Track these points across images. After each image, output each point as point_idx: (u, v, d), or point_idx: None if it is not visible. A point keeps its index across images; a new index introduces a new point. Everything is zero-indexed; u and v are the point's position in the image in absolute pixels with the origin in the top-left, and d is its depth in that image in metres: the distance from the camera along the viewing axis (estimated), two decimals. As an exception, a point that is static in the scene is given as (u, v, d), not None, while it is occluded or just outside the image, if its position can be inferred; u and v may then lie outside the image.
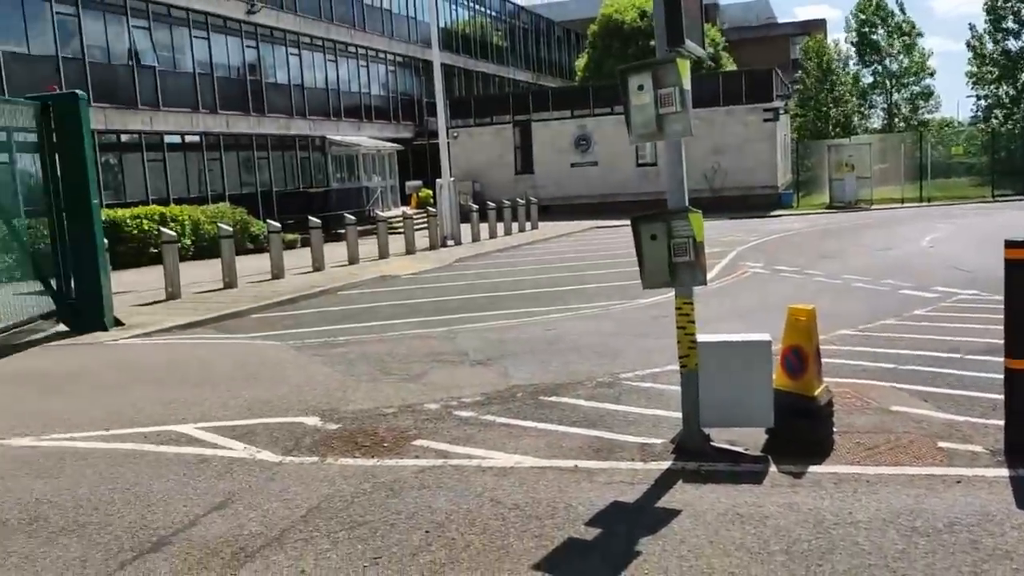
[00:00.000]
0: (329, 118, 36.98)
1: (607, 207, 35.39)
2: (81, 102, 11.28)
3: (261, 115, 32.75)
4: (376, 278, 17.14)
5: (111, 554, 4.30)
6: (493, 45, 52.40)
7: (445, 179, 25.14)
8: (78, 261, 11.44)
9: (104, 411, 7.14)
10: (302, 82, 35.34)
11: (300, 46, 35.17)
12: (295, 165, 35.05)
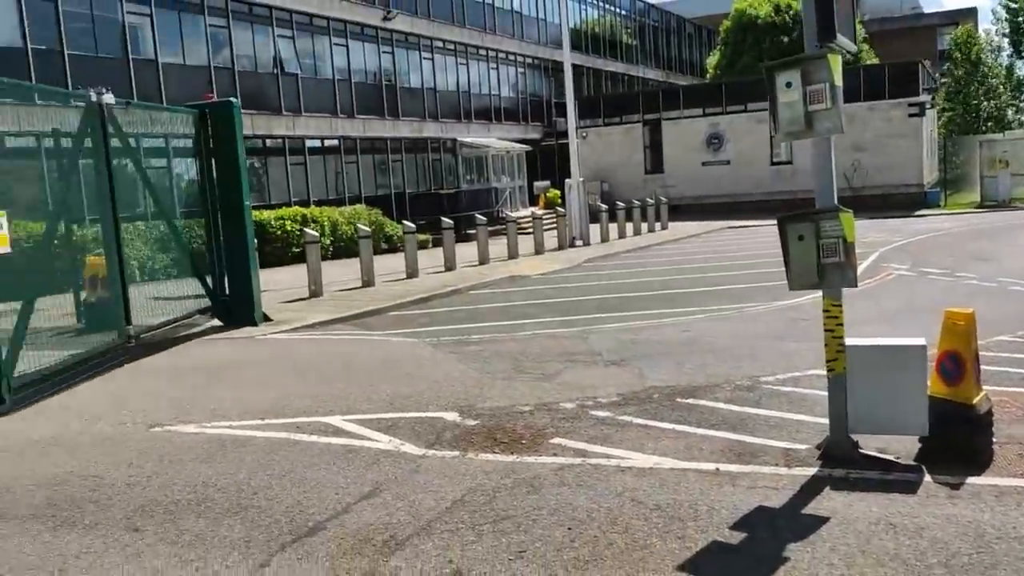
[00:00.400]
0: (460, 120, 37.70)
1: (739, 207, 34.61)
2: (235, 109, 11.95)
3: (395, 118, 33.71)
4: (506, 278, 17.36)
5: (272, 536, 4.56)
6: (623, 44, 52.10)
7: (574, 179, 25.19)
8: (231, 260, 12.11)
9: (258, 401, 7.55)
10: (434, 85, 36.17)
11: (433, 50, 36.01)
12: (427, 167, 35.89)
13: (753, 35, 44.34)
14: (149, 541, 4.58)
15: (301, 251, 21.18)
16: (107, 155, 9.88)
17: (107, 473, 5.75)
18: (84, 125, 9.66)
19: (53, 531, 4.79)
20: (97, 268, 11.12)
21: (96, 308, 10.96)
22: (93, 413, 7.48)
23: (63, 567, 4.31)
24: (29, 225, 11.17)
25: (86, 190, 10.82)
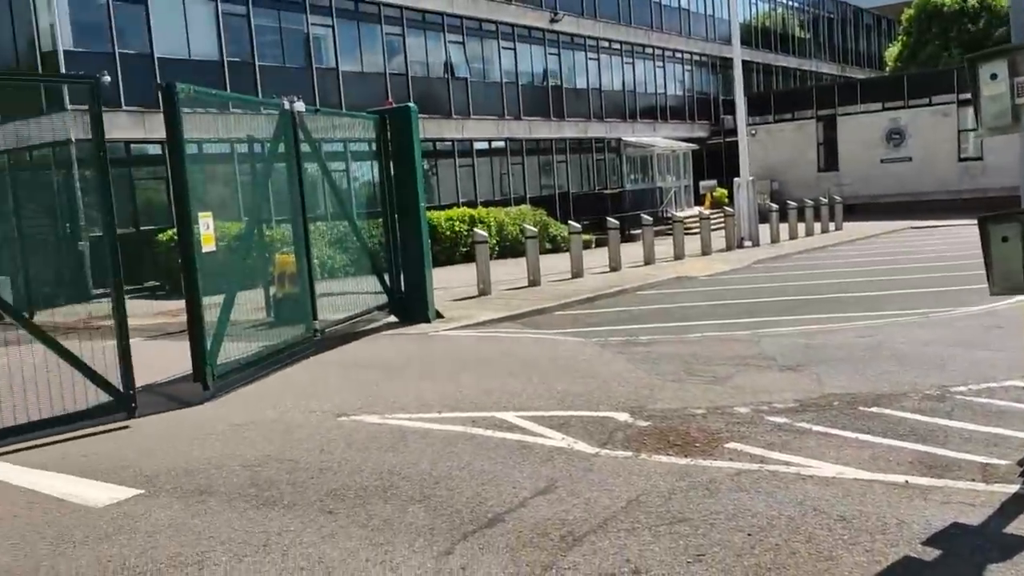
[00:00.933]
0: (625, 120, 37.54)
1: (919, 206, 32.64)
2: (413, 114, 12.45)
3: (561, 119, 33.99)
4: (672, 279, 17.16)
5: (454, 525, 4.74)
6: (795, 37, 50.21)
7: (743, 178, 24.54)
8: (406, 259, 12.63)
9: (435, 395, 7.85)
10: (599, 85, 36.19)
11: (599, 50, 36.04)
12: (591, 167, 35.96)
13: (939, 24, 41.75)
14: (341, 523, 4.87)
15: (469, 251, 21.80)
16: (298, 159, 10.54)
17: (301, 458, 6.15)
18: (278, 131, 10.34)
19: (256, 509, 5.18)
20: (286, 266, 11.87)
21: (285, 303, 11.71)
22: (285, 401, 8.01)
23: (266, 543, 4.66)
24: (226, 225, 12.08)
25: (276, 193, 11.58)
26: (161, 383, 8.90)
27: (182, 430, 7.22)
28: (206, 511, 5.20)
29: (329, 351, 10.54)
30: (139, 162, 21.39)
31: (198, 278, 8.27)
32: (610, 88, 36.88)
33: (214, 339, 8.49)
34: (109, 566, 4.48)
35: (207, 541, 4.73)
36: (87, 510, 5.36)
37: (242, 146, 14.27)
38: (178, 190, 8.25)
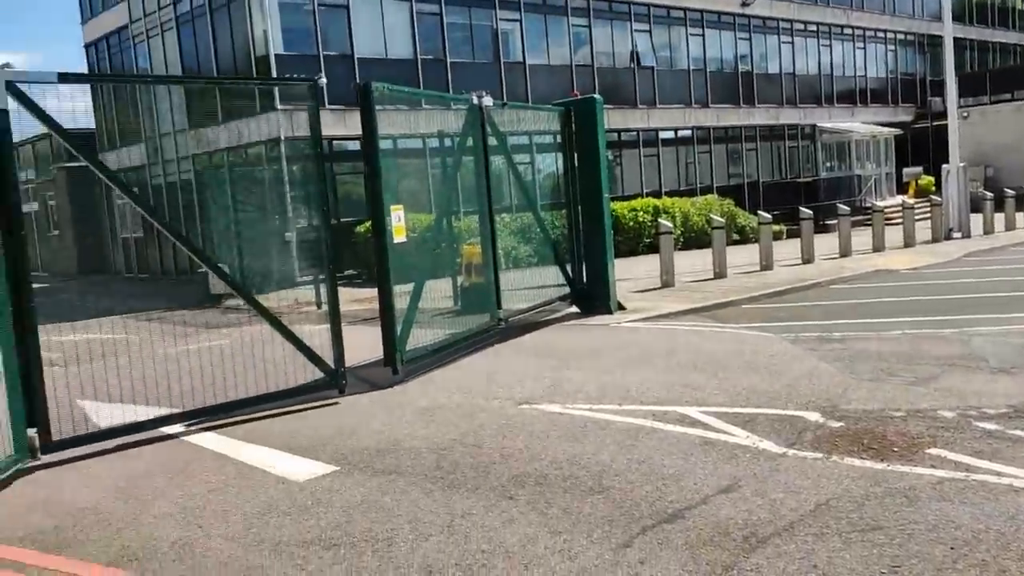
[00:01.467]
0: (820, 105, 35.79)
1: None
2: (598, 105, 12.44)
3: (751, 106, 32.88)
4: (871, 272, 16.21)
5: (633, 519, 4.71)
6: (1016, 11, 45.94)
7: (953, 164, 22.77)
8: (589, 250, 12.66)
9: (615, 387, 7.82)
10: (793, 70, 34.69)
11: (793, 33, 34.53)
12: (782, 155, 34.56)
13: None
14: (522, 509, 4.96)
15: (652, 242, 21.54)
16: (485, 153, 10.80)
17: (484, 443, 6.32)
18: (466, 126, 10.64)
19: (442, 491, 5.37)
20: (472, 256, 12.20)
21: (471, 293, 12.05)
22: (470, 388, 8.26)
23: (451, 524, 4.82)
24: (417, 217, 12.56)
25: (464, 185, 11.93)
26: (354, 367, 9.40)
27: (374, 412, 7.60)
28: (395, 490, 5.45)
29: (512, 340, 10.75)
30: (339, 158, 22.65)
31: (389, 268, 8.67)
32: (804, 72, 35.25)
33: (403, 326, 8.87)
34: (308, 536, 4.79)
35: (396, 519, 4.96)
36: (290, 483, 5.76)
37: (433, 140, 14.78)
38: (372, 184, 8.67)
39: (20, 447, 6.36)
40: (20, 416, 6.37)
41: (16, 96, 6.43)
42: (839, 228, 19.60)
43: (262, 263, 9.80)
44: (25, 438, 6.40)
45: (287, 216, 20.35)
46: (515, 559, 4.31)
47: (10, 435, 6.30)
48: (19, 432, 6.36)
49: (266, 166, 21.46)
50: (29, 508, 5.63)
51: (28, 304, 6.43)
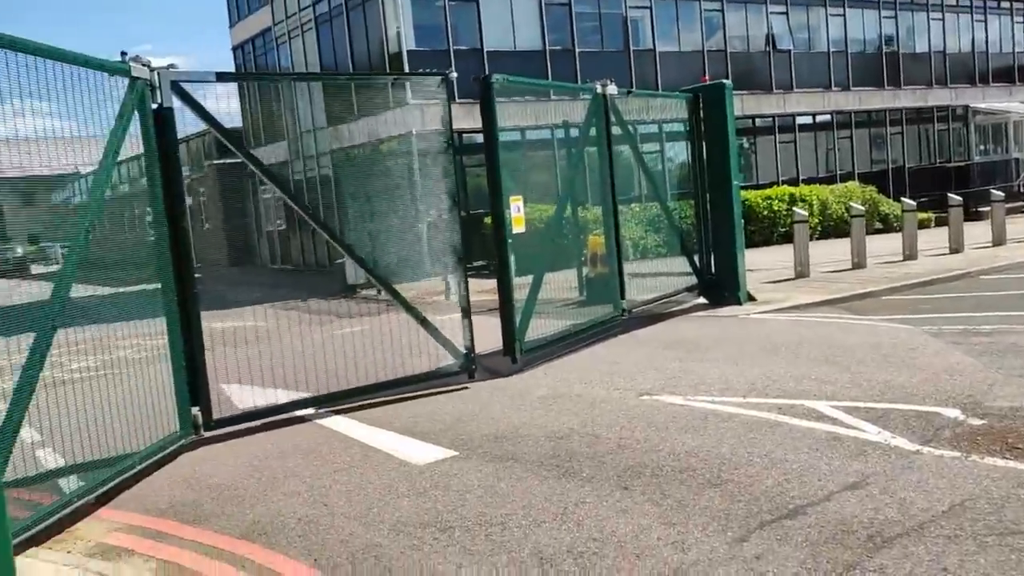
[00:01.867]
0: (973, 84, 33.63)
1: None
2: (727, 91, 12.12)
3: (896, 88, 31.25)
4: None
5: (751, 513, 4.58)
6: None
7: (1125, 145, 20.91)
8: (717, 239, 12.36)
9: (740, 379, 7.62)
10: (943, 48, 32.73)
11: (944, 9, 32.56)
12: (930, 138, 32.69)
13: None
14: (636, 500, 4.91)
15: (787, 231, 20.81)
16: (608, 142, 10.71)
17: (602, 433, 6.29)
18: (589, 115, 10.58)
19: (557, 479, 5.39)
20: (597, 247, 12.15)
21: (595, 283, 12.00)
22: (589, 377, 8.23)
23: (563, 512, 4.83)
24: (540, 208, 12.60)
25: (589, 175, 11.88)
26: (478, 354, 9.51)
27: (494, 400, 7.70)
28: (511, 476, 5.51)
29: (636, 331, 10.64)
30: (468, 150, 23.01)
31: (509, 258, 8.75)
32: (956, 50, 33.18)
33: (523, 316, 8.93)
34: (425, 518, 4.91)
35: (510, 505, 5.01)
36: (410, 466, 5.92)
37: (558, 131, 14.78)
38: (491, 175, 8.77)
39: (184, 424, 6.77)
40: (185, 395, 6.77)
41: (180, 95, 6.85)
42: (992, 215, 18.37)
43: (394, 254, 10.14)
44: (189, 416, 6.81)
45: (418, 208, 20.86)
46: (627, 549, 4.27)
47: (176, 413, 6.72)
48: (184, 410, 6.77)
49: (398, 160, 22.05)
50: (175, 482, 6.01)
51: (192, 291, 6.84)
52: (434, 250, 9.07)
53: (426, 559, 4.37)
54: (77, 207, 6.63)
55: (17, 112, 5.43)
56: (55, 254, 10.73)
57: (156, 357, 6.69)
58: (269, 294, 18.57)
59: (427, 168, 9.09)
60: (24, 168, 5.90)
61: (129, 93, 6.39)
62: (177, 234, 6.75)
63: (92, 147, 6.15)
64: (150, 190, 6.69)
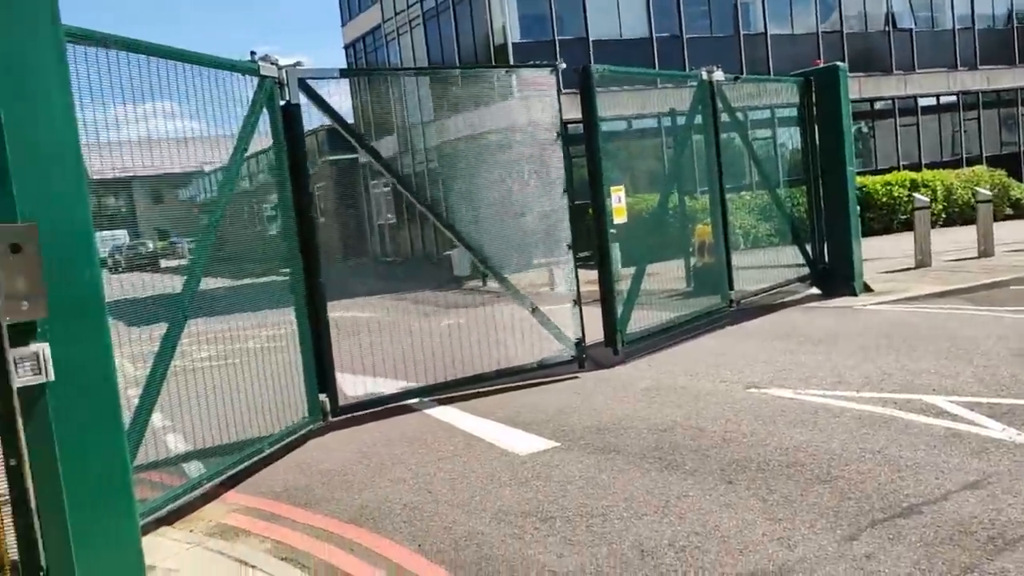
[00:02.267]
0: (1117, 59, 31.29)
1: None
2: (841, 73, 11.69)
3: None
4: None
5: (862, 511, 4.43)
6: None
7: None
8: (831, 228, 11.95)
9: (854, 373, 7.35)
10: (1083, 21, 30.58)
11: (1082, -21, 30.43)
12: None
13: None
14: (741, 495, 4.82)
15: (908, 218, 19.93)
16: (716, 129, 10.49)
17: (706, 426, 6.19)
18: (695, 103, 10.39)
19: (659, 471, 5.34)
20: (704, 236, 11.93)
21: (702, 273, 11.78)
22: (695, 369, 8.11)
23: (665, 505, 4.78)
24: (645, 197, 12.45)
25: (696, 163, 11.66)
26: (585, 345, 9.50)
27: (595, 391, 7.68)
28: (613, 468, 5.49)
29: (744, 322, 10.41)
30: (574, 140, 22.97)
31: (609, 249, 8.70)
32: (1097, 22, 30.94)
33: (624, 307, 8.86)
34: (527, 508, 4.95)
35: (612, 496, 5.00)
36: (512, 456, 5.97)
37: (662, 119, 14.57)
38: (592, 165, 8.72)
39: (313, 410, 6.95)
40: (314, 383, 6.96)
41: (305, 91, 7.04)
42: None
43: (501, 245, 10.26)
44: (318, 403, 6.99)
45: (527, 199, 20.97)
46: (730, 543, 4.20)
47: (306, 400, 6.91)
48: (313, 397, 6.96)
49: (508, 152, 22.19)
50: (290, 468, 6.26)
51: (318, 281, 7.01)
52: (542, 241, 9.10)
53: (527, 548, 4.41)
54: (207, 202, 6.90)
55: (149, 114, 5.74)
56: (182, 249, 11.30)
57: (284, 346, 6.88)
58: (379, 285, 19.00)
59: (536, 159, 9.15)
60: (157, 167, 6.24)
61: (259, 91, 6.58)
62: (304, 225, 6.91)
63: (220, 145, 6.40)
64: (278, 184, 6.86)
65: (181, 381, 5.72)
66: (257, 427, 6.22)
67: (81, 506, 3.88)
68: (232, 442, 5.94)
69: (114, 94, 5.12)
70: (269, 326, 6.96)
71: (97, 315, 4.21)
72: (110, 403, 4.22)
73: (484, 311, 9.05)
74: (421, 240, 28.52)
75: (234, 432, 5.97)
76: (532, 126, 9.27)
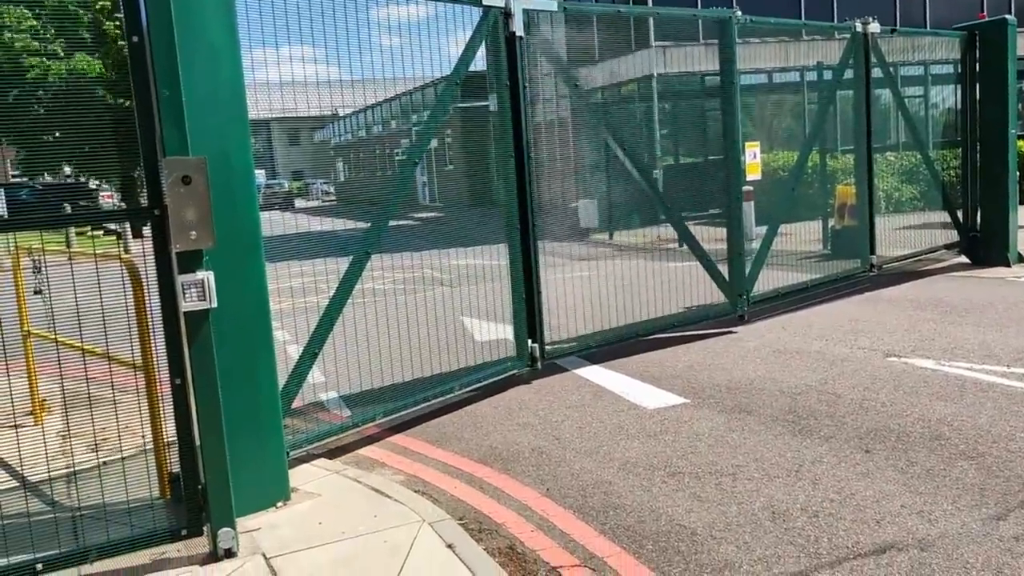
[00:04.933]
0: None
1: None
2: (1010, 27, 10.87)
3: None
4: None
5: (1010, 491, 4.23)
6: None
7: None
8: (985, 194, 11.24)
9: (1004, 347, 6.96)
10: None
11: None
12: None
13: None
14: (879, 464, 4.68)
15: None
16: (867, 85, 9.98)
17: (843, 393, 6.01)
18: (846, 56, 9.89)
19: (792, 435, 5.24)
20: (847, 197, 11.45)
21: (842, 236, 11.34)
22: (831, 334, 7.85)
23: (798, 469, 4.70)
24: (783, 155, 12.01)
25: (841, 121, 11.14)
26: (700, 305, 9.30)
27: (726, 350, 7.55)
28: (743, 428, 5.42)
29: (885, 288, 9.98)
30: (711, 93, 22.33)
31: (740, 206, 8.45)
32: None
33: (752, 267, 8.62)
34: (654, 461, 4.96)
35: (742, 456, 4.94)
36: (640, 410, 5.97)
37: (806, 73, 13.98)
38: (727, 119, 8.42)
39: (522, 355, 6.79)
40: (523, 328, 6.79)
41: (527, 24, 6.70)
42: None
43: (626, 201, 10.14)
44: (527, 348, 6.80)
45: (655, 154, 20.60)
46: (867, 513, 4.10)
47: (515, 344, 6.81)
48: (522, 342, 6.79)
49: (638, 103, 21.75)
50: (418, 405, 6.45)
51: (533, 225, 6.79)
52: (667, 198, 8.93)
53: (655, 500, 4.42)
54: (417, 133, 6.65)
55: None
56: (317, 190, 11.62)
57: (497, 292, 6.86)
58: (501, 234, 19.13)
59: (666, 113, 8.92)
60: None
61: (482, 22, 6.39)
62: (522, 165, 6.68)
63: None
64: (500, 122, 6.65)
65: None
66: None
67: (236, 427, 4.14)
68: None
69: (288, 33, 5.20)
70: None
71: (254, 248, 4.44)
72: (264, 332, 4.47)
73: (615, 264, 8.97)
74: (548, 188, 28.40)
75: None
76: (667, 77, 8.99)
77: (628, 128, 21.73)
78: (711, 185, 9.50)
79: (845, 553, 3.75)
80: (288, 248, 6.13)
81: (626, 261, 8.81)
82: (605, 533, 4.11)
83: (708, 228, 9.14)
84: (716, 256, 8.52)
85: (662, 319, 8.02)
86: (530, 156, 6.77)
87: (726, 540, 3.94)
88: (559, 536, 4.12)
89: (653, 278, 8.23)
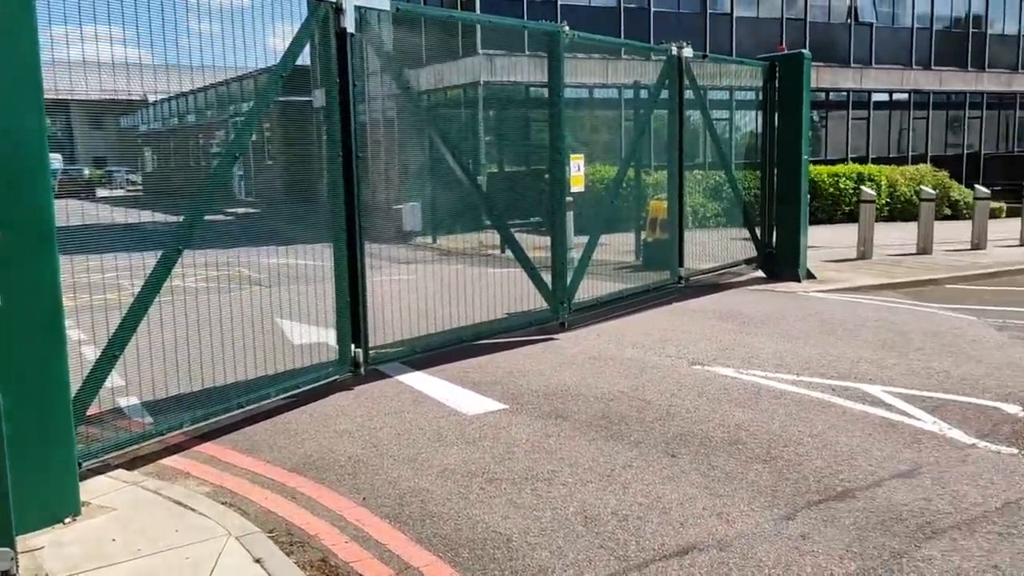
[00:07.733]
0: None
1: None
2: (805, 61, 11.81)
3: (979, 70, 30.13)
4: (1103, 261, 14.56)
5: (798, 492, 4.56)
6: None
7: None
8: (780, 214, 12.15)
9: (795, 357, 7.53)
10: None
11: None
12: (1011, 125, 31.53)
13: None
14: (683, 468, 4.91)
15: (852, 210, 20.37)
16: (680, 106, 10.53)
17: (652, 399, 6.29)
18: (662, 77, 10.40)
19: (605, 440, 5.41)
20: (658, 211, 12.03)
21: (653, 248, 11.90)
22: (642, 342, 8.21)
23: (610, 474, 4.85)
24: (601, 168, 12.46)
25: (655, 139, 11.69)
26: (523, 311, 9.51)
27: (545, 357, 7.72)
28: (559, 434, 5.55)
29: (691, 299, 10.55)
30: (535, 104, 22.83)
31: (564, 216, 8.71)
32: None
33: (574, 276, 8.91)
34: (472, 467, 4.98)
35: (557, 461, 5.05)
36: (460, 416, 5.99)
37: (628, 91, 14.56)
38: (552, 131, 8.65)
39: (344, 360, 6.60)
40: (347, 332, 6.59)
41: (358, 22, 6.57)
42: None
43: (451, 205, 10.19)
44: (350, 353, 6.62)
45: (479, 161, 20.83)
46: (672, 515, 4.29)
47: (338, 348, 6.60)
48: (345, 347, 6.59)
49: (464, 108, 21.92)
50: (228, 411, 6.15)
51: (359, 226, 6.65)
52: (492, 203, 9.02)
53: (471, 508, 4.43)
54: (237, 125, 6.36)
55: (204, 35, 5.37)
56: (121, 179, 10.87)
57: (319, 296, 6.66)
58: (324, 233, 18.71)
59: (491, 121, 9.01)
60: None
61: (313, 14, 6.22)
62: (350, 164, 6.52)
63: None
64: (327, 118, 6.49)
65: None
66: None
67: (20, 434, 3.78)
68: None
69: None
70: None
71: (47, 238, 4.06)
72: (56, 331, 4.11)
73: (434, 268, 8.98)
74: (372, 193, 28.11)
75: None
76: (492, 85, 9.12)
77: (455, 133, 21.84)
78: (535, 194, 9.76)
79: (652, 555, 3.90)
80: (87, 240, 5.68)
81: (449, 265, 8.82)
82: (421, 542, 4.08)
83: (531, 236, 9.32)
84: (538, 264, 8.70)
85: (487, 324, 8.09)
86: (358, 155, 6.64)
87: (540, 546, 4.00)
88: (374, 547, 4.04)
89: (477, 283, 8.29)
